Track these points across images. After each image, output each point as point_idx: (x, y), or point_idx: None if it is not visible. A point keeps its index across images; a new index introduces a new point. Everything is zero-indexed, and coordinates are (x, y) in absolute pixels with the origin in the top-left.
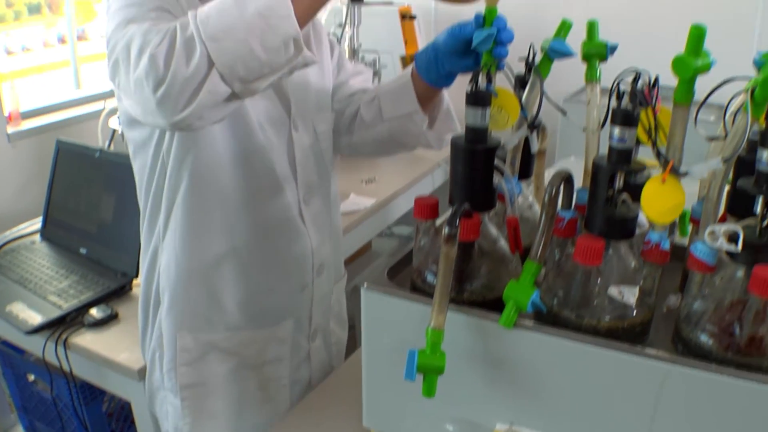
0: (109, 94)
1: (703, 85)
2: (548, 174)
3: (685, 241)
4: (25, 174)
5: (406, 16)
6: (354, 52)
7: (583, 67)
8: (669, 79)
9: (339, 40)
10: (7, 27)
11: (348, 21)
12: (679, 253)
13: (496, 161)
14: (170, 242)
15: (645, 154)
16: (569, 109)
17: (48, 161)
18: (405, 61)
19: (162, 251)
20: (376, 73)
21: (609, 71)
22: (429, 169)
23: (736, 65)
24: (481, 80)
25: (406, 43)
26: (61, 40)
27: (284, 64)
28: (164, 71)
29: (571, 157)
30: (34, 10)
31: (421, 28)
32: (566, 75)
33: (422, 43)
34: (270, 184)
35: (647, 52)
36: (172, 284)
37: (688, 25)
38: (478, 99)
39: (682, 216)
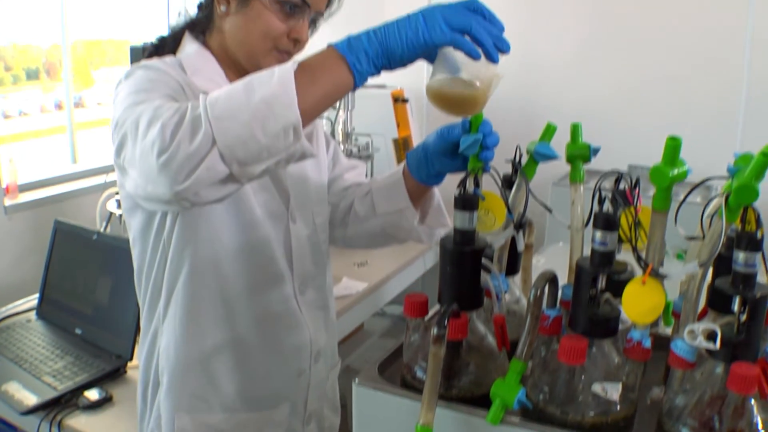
0: (108, 169)
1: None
2: (536, 260)
3: (669, 330)
4: (21, 247)
5: (399, 100)
6: (347, 136)
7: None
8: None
9: (333, 124)
10: (5, 91)
11: (342, 105)
12: (663, 344)
13: (484, 260)
14: (170, 326)
15: None
16: (559, 192)
17: (44, 234)
18: (397, 144)
19: (162, 334)
20: (369, 156)
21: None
22: (420, 253)
23: (723, 145)
24: (469, 184)
25: (398, 125)
26: (58, 106)
27: (282, 149)
28: (170, 141)
29: (559, 243)
30: (32, 75)
31: (414, 111)
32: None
33: (414, 126)
34: (267, 275)
35: (635, 140)
36: (171, 366)
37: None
38: (465, 203)
39: (666, 307)
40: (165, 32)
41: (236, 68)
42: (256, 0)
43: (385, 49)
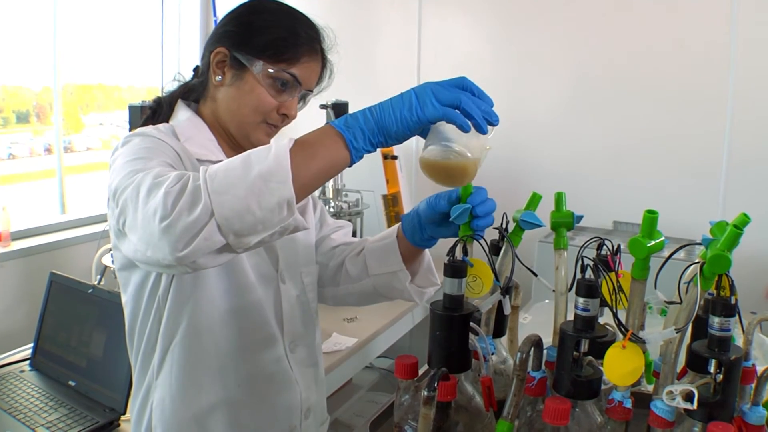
0: (101, 218)
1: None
2: (523, 317)
3: (651, 388)
4: (13, 295)
5: (388, 156)
6: (338, 192)
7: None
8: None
9: None
10: None
11: None
12: (645, 401)
13: (471, 323)
14: (164, 383)
15: None
16: (545, 248)
17: (36, 283)
18: (387, 200)
19: (155, 390)
20: (359, 213)
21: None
22: (409, 308)
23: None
24: (458, 252)
25: (387, 182)
26: (48, 150)
27: (276, 223)
28: (171, 209)
29: (545, 301)
30: (22, 118)
31: (403, 168)
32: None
33: (404, 182)
34: (259, 336)
35: (619, 197)
36: (166, 423)
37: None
38: (455, 271)
39: (648, 366)
40: (160, 94)
41: (227, 135)
42: (250, 74)
43: (380, 127)
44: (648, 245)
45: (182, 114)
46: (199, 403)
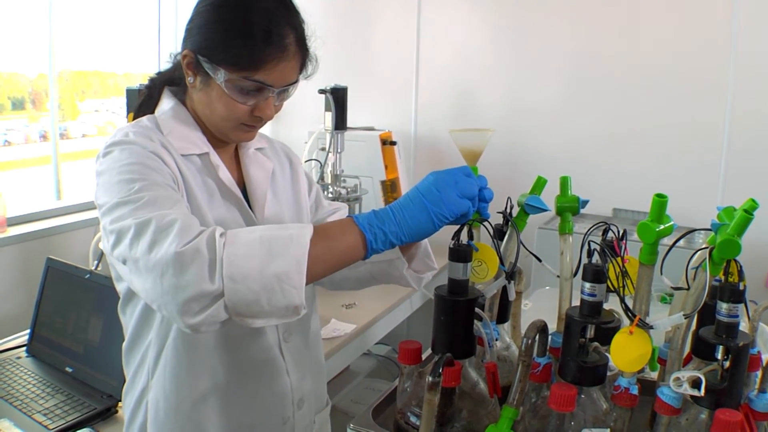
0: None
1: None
2: (523, 304)
3: (655, 375)
4: (9, 281)
5: (387, 142)
6: (336, 177)
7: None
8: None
9: (322, 166)
10: None
11: (332, 147)
12: (649, 388)
13: (476, 309)
14: (160, 381)
15: None
16: (545, 235)
17: (33, 269)
18: (385, 186)
19: (150, 389)
20: (357, 198)
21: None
22: (407, 294)
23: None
24: (463, 236)
25: (386, 168)
26: (43, 137)
27: (279, 318)
28: (180, 276)
29: (546, 288)
30: (18, 104)
31: (401, 154)
32: (550, 191)
33: (402, 168)
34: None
35: (619, 185)
36: (161, 421)
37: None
38: (460, 255)
39: (652, 353)
40: (154, 74)
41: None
42: (215, 81)
43: (404, 233)
44: (657, 230)
45: (166, 103)
46: (192, 397)
